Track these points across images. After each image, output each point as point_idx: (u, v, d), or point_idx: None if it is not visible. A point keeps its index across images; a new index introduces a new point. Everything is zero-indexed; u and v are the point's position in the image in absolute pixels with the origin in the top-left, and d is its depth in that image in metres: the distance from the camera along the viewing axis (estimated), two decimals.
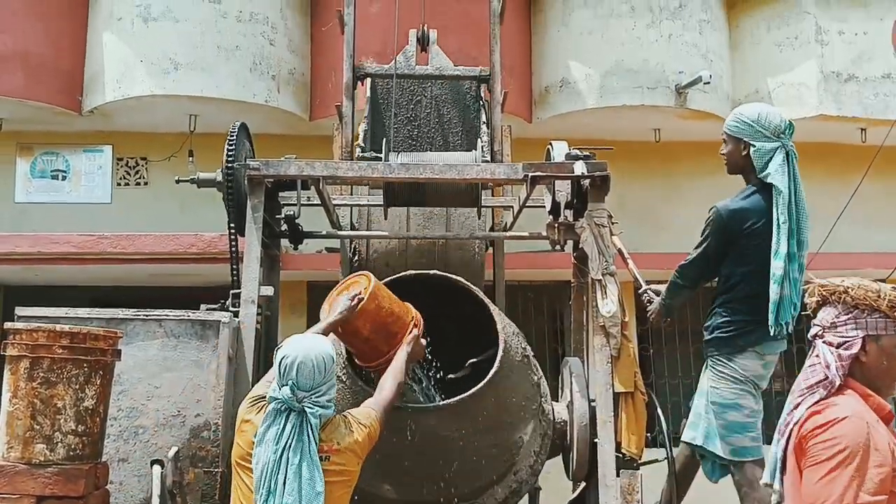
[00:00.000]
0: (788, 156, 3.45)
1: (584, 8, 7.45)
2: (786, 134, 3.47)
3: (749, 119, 3.51)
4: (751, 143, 3.50)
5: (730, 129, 3.61)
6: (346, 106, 5.84)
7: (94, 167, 7.71)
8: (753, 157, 3.50)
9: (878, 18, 7.69)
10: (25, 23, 6.97)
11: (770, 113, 3.49)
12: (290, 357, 2.78)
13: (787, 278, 3.38)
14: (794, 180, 3.44)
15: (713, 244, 3.55)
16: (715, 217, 3.54)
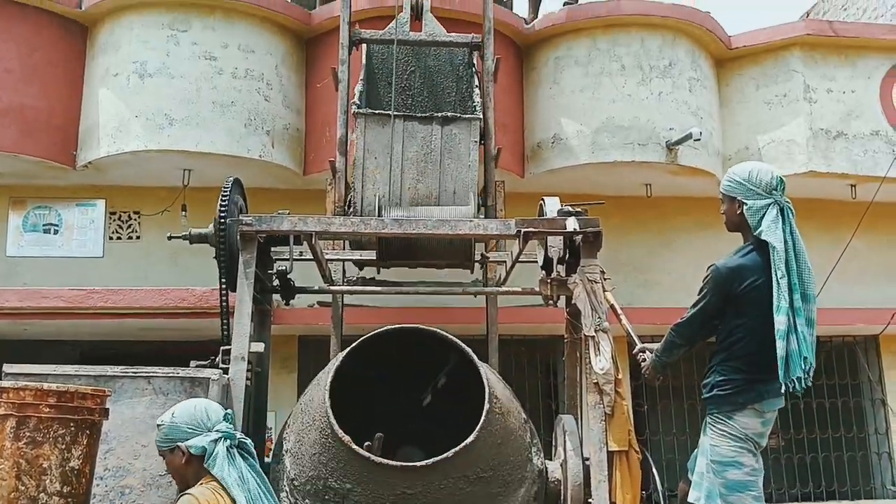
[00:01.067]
0: (784, 211, 3.45)
1: (576, 66, 7.54)
2: (777, 190, 3.48)
3: (740, 178, 3.54)
4: (744, 201, 3.52)
5: (724, 189, 3.64)
6: (340, 161, 5.88)
7: (86, 221, 7.69)
8: (747, 215, 3.51)
9: (866, 77, 7.81)
10: (21, 79, 7.02)
11: (761, 170, 3.51)
12: None
13: (793, 333, 3.36)
14: (792, 234, 3.44)
15: (712, 302, 3.53)
16: (713, 275, 3.52)
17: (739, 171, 3.57)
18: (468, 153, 5.37)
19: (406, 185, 5.30)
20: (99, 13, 7.24)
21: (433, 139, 5.33)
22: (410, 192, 5.32)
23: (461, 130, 5.37)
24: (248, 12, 7.22)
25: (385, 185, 5.27)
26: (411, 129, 5.35)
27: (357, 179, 5.30)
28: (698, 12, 7.67)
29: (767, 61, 7.86)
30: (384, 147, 5.29)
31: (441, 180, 5.34)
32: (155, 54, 7.01)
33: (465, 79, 6.09)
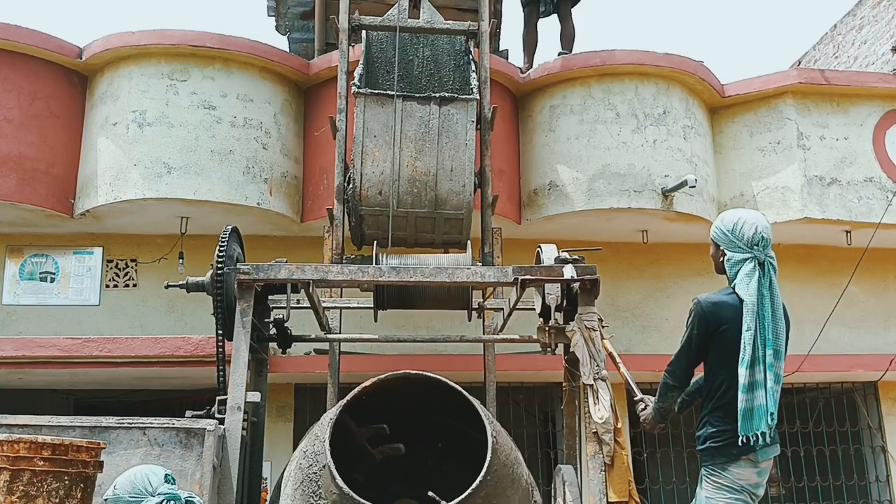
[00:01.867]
0: (763, 266, 3.46)
1: (571, 114, 7.61)
2: (759, 246, 3.47)
3: (724, 228, 3.57)
4: (725, 251, 3.55)
5: (711, 234, 3.68)
6: (337, 209, 5.91)
7: (83, 269, 7.69)
8: (726, 266, 3.56)
9: (858, 124, 7.88)
10: (21, 128, 7.06)
11: (746, 223, 3.51)
12: None
13: (760, 388, 3.34)
14: (770, 290, 3.44)
15: (696, 335, 3.54)
16: (696, 308, 3.55)
17: (727, 220, 3.59)
18: (465, 132, 5.60)
19: (405, 162, 5.55)
20: (99, 63, 7.32)
21: (431, 119, 5.55)
22: (409, 170, 5.56)
23: (458, 111, 5.59)
24: (247, 62, 7.30)
25: (384, 162, 5.52)
26: (410, 109, 5.56)
27: (356, 157, 5.51)
28: (691, 61, 7.76)
29: (761, 109, 7.94)
30: (383, 126, 5.51)
31: (439, 158, 5.57)
32: (154, 104, 7.07)
33: (462, 67, 6.25)
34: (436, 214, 5.73)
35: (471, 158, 5.63)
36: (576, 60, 7.70)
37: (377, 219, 5.72)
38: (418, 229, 5.86)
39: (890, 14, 11.16)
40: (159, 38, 7.18)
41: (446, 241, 6.03)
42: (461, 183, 5.65)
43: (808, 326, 7.57)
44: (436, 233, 5.88)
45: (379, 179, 5.56)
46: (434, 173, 5.60)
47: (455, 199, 5.69)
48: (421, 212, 5.70)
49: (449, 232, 5.89)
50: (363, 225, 5.81)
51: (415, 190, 5.63)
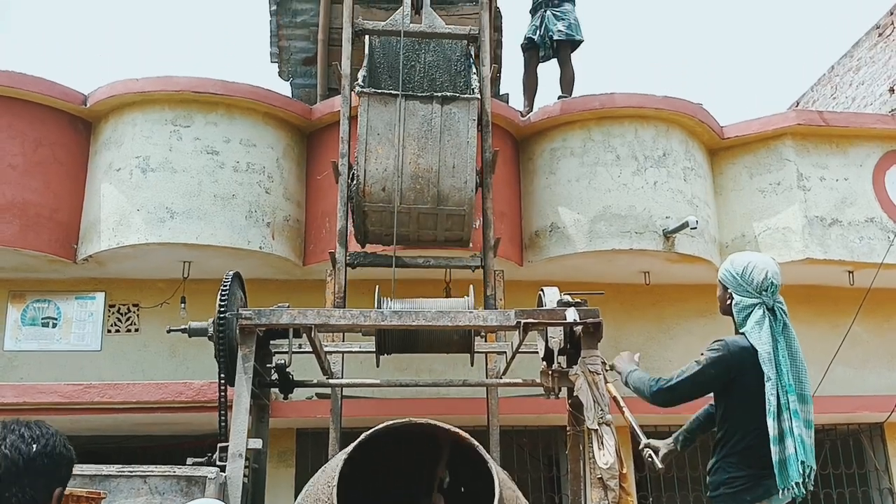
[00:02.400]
0: (774, 311, 3.41)
1: (571, 157, 7.65)
2: (768, 291, 3.41)
3: (734, 271, 3.51)
4: (733, 294, 3.51)
5: (720, 276, 3.64)
6: (340, 252, 5.93)
7: (85, 314, 7.68)
8: (734, 310, 3.49)
9: (858, 165, 7.92)
10: (25, 174, 7.11)
11: (756, 268, 3.45)
12: None
13: (789, 436, 3.26)
14: (784, 335, 3.38)
15: (712, 375, 3.42)
16: (722, 350, 3.42)
17: (737, 263, 3.55)
18: (467, 130, 5.74)
19: (407, 159, 5.67)
20: (103, 110, 7.39)
21: (433, 117, 5.70)
22: (412, 167, 5.68)
23: (460, 109, 5.73)
24: (249, 108, 7.37)
25: (387, 159, 5.66)
26: (412, 108, 5.70)
27: (360, 154, 5.64)
28: (690, 104, 7.82)
29: (760, 150, 7.98)
30: (386, 124, 5.65)
31: (441, 155, 5.70)
32: (157, 149, 7.12)
33: (462, 72, 6.37)
34: (438, 210, 5.85)
35: (472, 156, 5.77)
36: (575, 104, 7.77)
37: (380, 215, 5.85)
38: (420, 226, 5.96)
39: (887, 55, 11.28)
40: (163, 85, 7.26)
41: (448, 239, 6.14)
42: (463, 179, 5.78)
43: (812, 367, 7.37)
44: (438, 229, 6.00)
45: (382, 176, 5.68)
46: (436, 170, 5.72)
47: (457, 196, 5.82)
48: (423, 208, 5.81)
49: (451, 228, 6.00)
50: (366, 222, 5.93)
51: (417, 186, 5.75)
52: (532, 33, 8.34)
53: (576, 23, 8.31)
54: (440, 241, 6.17)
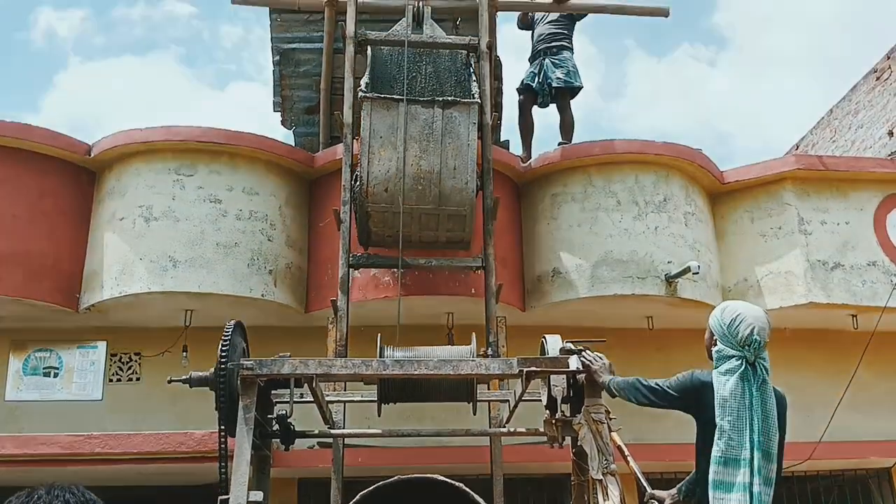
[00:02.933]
0: (755, 367, 3.40)
1: (572, 202, 7.68)
2: (751, 347, 3.41)
3: (722, 320, 3.53)
4: (718, 341, 3.53)
5: (710, 320, 3.67)
6: (341, 300, 5.93)
7: (86, 363, 7.66)
8: (714, 356, 3.53)
9: (858, 209, 7.93)
10: (29, 224, 7.14)
11: (744, 322, 3.45)
12: None
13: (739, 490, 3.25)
14: (761, 391, 3.36)
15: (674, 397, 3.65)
16: (688, 378, 3.61)
17: (727, 312, 3.55)
18: (467, 133, 5.96)
19: (409, 160, 5.90)
20: (107, 159, 7.45)
21: (435, 121, 5.94)
22: (413, 168, 5.91)
23: (461, 113, 5.97)
24: (252, 156, 7.43)
25: (389, 161, 5.88)
26: (414, 112, 5.93)
27: (363, 156, 5.87)
28: (689, 149, 7.86)
29: (760, 195, 8.01)
30: (389, 128, 5.87)
31: (442, 156, 5.92)
32: (161, 198, 7.17)
33: (462, 82, 6.55)
34: (440, 211, 6.07)
35: (473, 158, 5.98)
36: (576, 150, 7.82)
37: (383, 216, 6.05)
38: (422, 226, 6.16)
39: (885, 99, 11.37)
40: (167, 135, 7.33)
41: (449, 240, 6.36)
42: (464, 180, 5.98)
43: (818, 412, 7.47)
44: (439, 230, 6.22)
45: (385, 177, 5.88)
46: (437, 171, 5.92)
47: (458, 196, 6.03)
48: (425, 208, 6.03)
49: (452, 229, 6.23)
50: (369, 222, 6.10)
51: (419, 187, 5.95)
52: (531, 80, 8.43)
53: (574, 70, 8.40)
54: (441, 243, 6.36)
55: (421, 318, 7.25)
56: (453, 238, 6.30)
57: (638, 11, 8.38)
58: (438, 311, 7.38)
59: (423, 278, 6.99)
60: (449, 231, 6.21)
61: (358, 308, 6.85)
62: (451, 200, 6.02)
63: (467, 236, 6.25)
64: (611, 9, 8.33)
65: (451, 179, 5.95)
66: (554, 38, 8.48)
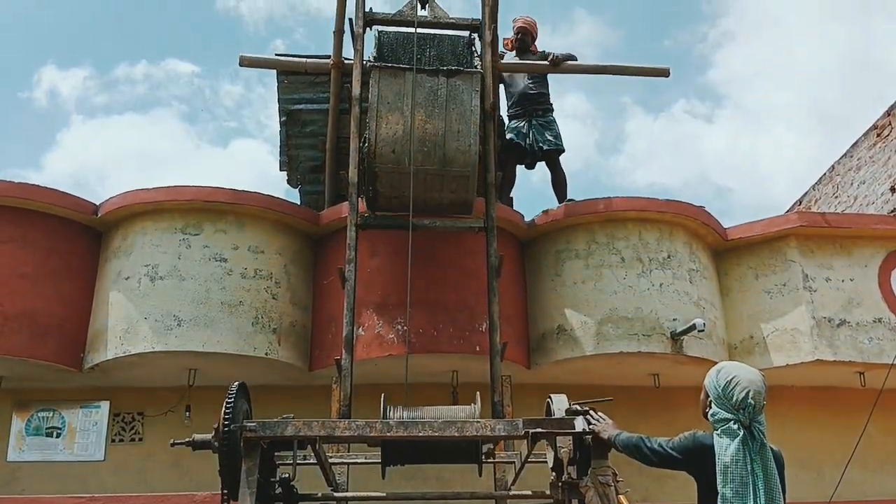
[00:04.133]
0: (751, 431, 3.37)
1: (576, 259, 7.70)
2: (744, 411, 3.37)
3: (717, 383, 3.50)
4: (713, 403, 3.50)
5: (705, 381, 3.64)
6: (345, 359, 5.91)
7: (89, 424, 7.62)
8: (709, 417, 3.51)
9: (863, 265, 7.93)
10: (35, 284, 7.17)
11: (739, 385, 3.42)
12: None
13: None
14: (761, 455, 3.32)
15: (676, 459, 3.62)
16: (687, 441, 3.59)
17: (723, 374, 3.52)
18: (470, 100, 6.34)
19: (416, 124, 6.26)
20: (114, 219, 7.51)
21: (440, 88, 6.32)
22: (419, 131, 6.27)
23: (464, 82, 6.37)
24: (258, 215, 7.48)
25: (396, 124, 6.25)
26: (420, 80, 6.32)
27: (371, 120, 6.26)
28: (692, 207, 7.90)
29: (764, 252, 8.02)
30: (396, 94, 6.25)
31: (447, 121, 6.29)
32: (167, 257, 7.20)
33: (464, 62, 6.87)
34: (444, 172, 6.39)
35: (475, 123, 6.34)
36: (579, 207, 7.86)
37: (390, 176, 6.38)
38: (427, 187, 6.45)
39: (886, 155, 11.45)
40: (173, 195, 7.39)
41: (453, 202, 6.64)
42: (467, 143, 6.32)
43: (827, 470, 7.38)
44: (444, 191, 6.53)
45: (392, 139, 6.25)
46: (442, 134, 6.27)
47: (462, 158, 6.35)
48: (430, 169, 6.35)
49: (456, 191, 6.53)
50: (377, 183, 6.43)
51: (425, 149, 6.29)
52: (520, 139, 8.48)
53: (559, 132, 8.53)
54: (445, 206, 6.65)
55: (425, 376, 7.22)
56: (456, 200, 6.62)
57: (639, 72, 8.49)
58: (443, 370, 7.36)
59: (428, 336, 6.98)
60: (452, 192, 6.54)
61: (362, 366, 6.83)
62: (456, 162, 6.36)
63: (470, 198, 6.61)
64: (612, 70, 8.45)
65: (454, 142, 6.30)
66: (538, 99, 8.59)
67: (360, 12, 6.95)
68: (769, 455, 3.37)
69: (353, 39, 7.01)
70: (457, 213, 6.80)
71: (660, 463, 3.73)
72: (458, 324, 7.05)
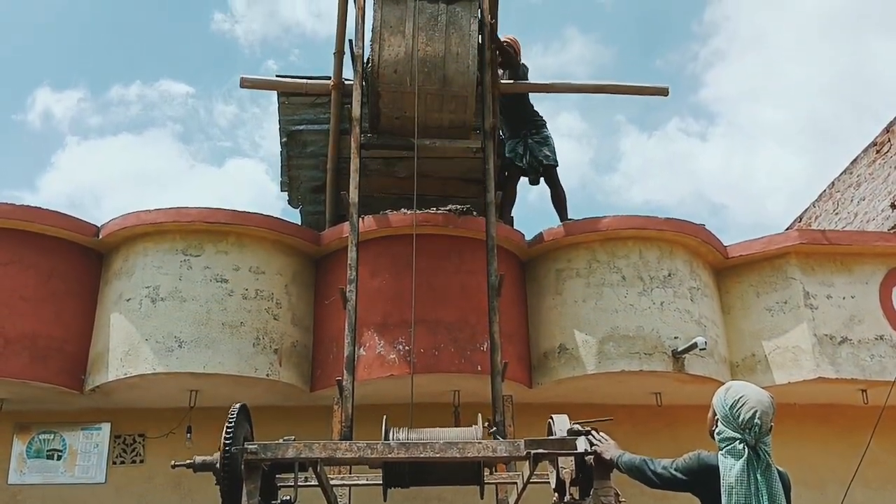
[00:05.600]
0: (757, 451, 3.37)
1: (577, 277, 7.69)
2: (750, 431, 3.36)
3: (724, 402, 3.49)
4: (719, 422, 3.50)
5: (713, 400, 3.63)
6: (347, 380, 5.91)
7: (90, 446, 7.60)
8: (715, 436, 3.50)
9: (864, 283, 7.92)
10: (36, 306, 7.17)
11: (746, 405, 3.41)
12: None
13: None
14: (766, 476, 3.29)
15: (680, 480, 3.59)
16: (691, 462, 3.57)
17: (730, 393, 3.51)
18: (468, 25, 6.74)
19: (417, 47, 6.66)
20: (115, 241, 7.52)
21: (439, 14, 6.72)
22: (421, 53, 6.67)
23: (463, 9, 6.76)
24: (259, 236, 7.49)
25: (399, 46, 6.68)
26: (421, 7, 6.71)
27: (374, 42, 6.72)
28: (692, 225, 7.90)
29: (765, 269, 8.02)
30: (398, 19, 6.70)
31: (447, 44, 6.68)
32: (168, 279, 7.21)
33: None
34: (444, 92, 6.76)
35: (474, 46, 6.76)
36: (579, 226, 7.86)
37: (392, 96, 6.77)
38: (428, 107, 6.80)
39: (886, 171, 11.47)
40: (175, 216, 7.40)
41: (452, 123, 6.97)
42: (465, 65, 6.69)
43: (831, 488, 7.35)
44: (443, 111, 6.88)
45: (394, 60, 6.68)
46: (442, 56, 6.65)
47: (461, 79, 6.73)
48: (431, 89, 6.72)
49: (455, 111, 6.89)
50: (379, 103, 6.81)
51: (425, 69, 6.67)
52: (518, 160, 8.52)
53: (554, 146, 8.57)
54: (445, 128, 7.00)
55: (426, 396, 7.20)
56: (456, 122, 6.99)
57: (638, 91, 8.54)
58: (444, 389, 7.34)
59: (429, 356, 6.98)
60: (452, 113, 6.90)
61: (363, 387, 6.83)
62: (455, 83, 6.75)
63: (469, 119, 7.01)
64: (610, 89, 8.49)
65: (454, 63, 6.66)
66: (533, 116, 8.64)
67: (360, 34, 7.01)
68: (774, 476, 3.35)
69: (353, 61, 7.07)
70: (456, 136, 7.14)
71: (664, 486, 3.71)
72: (459, 343, 7.04)
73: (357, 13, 7.13)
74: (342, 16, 7.65)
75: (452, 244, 7.44)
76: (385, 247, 7.37)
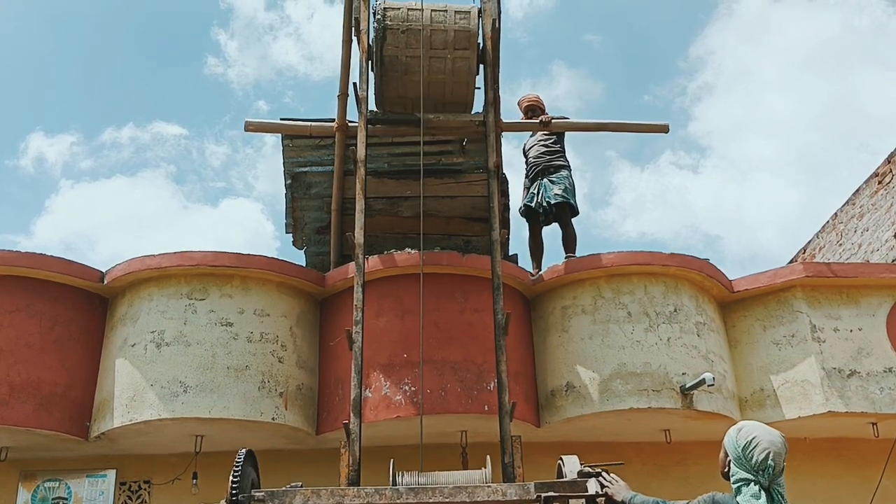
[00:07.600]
0: (771, 493, 3.34)
1: (583, 314, 7.66)
2: (764, 473, 3.34)
3: (737, 443, 3.46)
4: (732, 463, 3.47)
5: (725, 440, 3.60)
6: (354, 423, 5.86)
7: (95, 493, 7.54)
8: (731, 478, 3.47)
9: (871, 315, 7.88)
10: (41, 353, 7.15)
11: (759, 446, 3.39)
12: None
13: None
14: None
15: None
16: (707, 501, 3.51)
17: (742, 434, 3.49)
18: None
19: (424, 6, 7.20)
20: (120, 286, 7.53)
21: None
22: (427, 14, 7.24)
23: None
24: (264, 279, 7.49)
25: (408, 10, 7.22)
26: None
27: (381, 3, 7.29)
28: (697, 260, 7.89)
29: (771, 303, 7.99)
30: None
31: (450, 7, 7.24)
32: (172, 323, 7.20)
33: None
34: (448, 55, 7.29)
35: (476, 9, 7.34)
36: (584, 263, 7.86)
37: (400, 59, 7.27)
38: (432, 70, 7.31)
39: (888, 202, 11.49)
40: (179, 261, 7.41)
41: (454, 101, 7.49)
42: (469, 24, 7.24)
43: None
44: (445, 73, 7.37)
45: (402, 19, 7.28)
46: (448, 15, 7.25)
47: (465, 39, 7.27)
48: (437, 52, 7.26)
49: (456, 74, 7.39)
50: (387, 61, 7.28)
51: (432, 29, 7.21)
52: (529, 201, 8.59)
53: (571, 187, 8.60)
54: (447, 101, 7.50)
55: (434, 437, 7.14)
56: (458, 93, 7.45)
57: (639, 128, 8.58)
58: (451, 430, 7.29)
59: (436, 396, 6.94)
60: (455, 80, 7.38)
61: (370, 428, 6.78)
62: (459, 42, 7.26)
63: (470, 92, 7.50)
64: (612, 127, 8.53)
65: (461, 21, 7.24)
66: (551, 156, 8.71)
67: (364, 76, 7.08)
68: None
69: (357, 103, 7.13)
70: (457, 110, 7.57)
71: None
72: (465, 383, 7.01)
73: (361, 56, 7.22)
74: (346, 59, 7.73)
75: (457, 283, 7.43)
76: (390, 287, 7.37)
